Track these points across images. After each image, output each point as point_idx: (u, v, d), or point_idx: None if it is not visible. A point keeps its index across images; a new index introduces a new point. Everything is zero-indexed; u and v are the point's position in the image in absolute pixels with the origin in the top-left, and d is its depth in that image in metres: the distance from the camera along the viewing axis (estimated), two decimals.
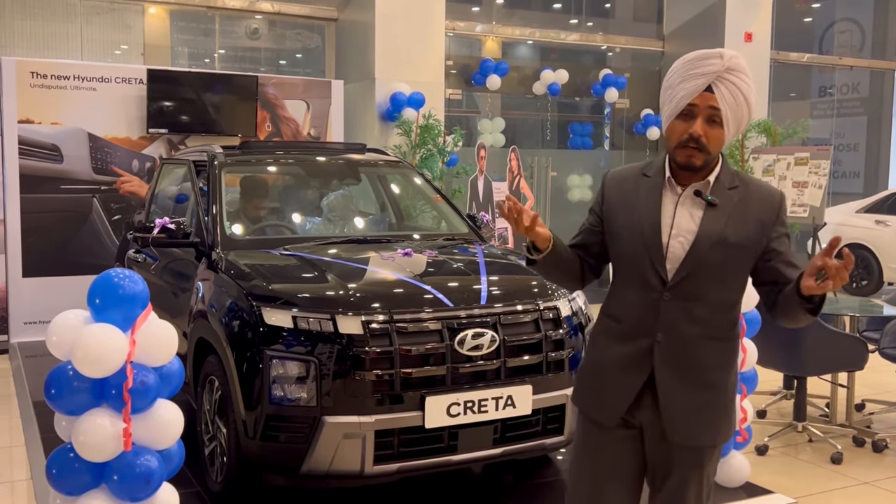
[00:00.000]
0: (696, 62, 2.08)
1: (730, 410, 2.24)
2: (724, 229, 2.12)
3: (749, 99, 2.10)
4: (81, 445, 2.70)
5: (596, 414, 2.26)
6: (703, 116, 2.07)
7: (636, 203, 2.20)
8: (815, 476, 4.39)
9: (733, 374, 2.23)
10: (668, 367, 2.15)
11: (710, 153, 2.10)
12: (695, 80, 2.07)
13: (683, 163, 2.12)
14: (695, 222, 2.14)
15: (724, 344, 2.19)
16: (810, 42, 14.43)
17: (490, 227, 5.34)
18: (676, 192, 2.17)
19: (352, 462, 3.39)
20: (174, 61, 9.77)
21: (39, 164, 7.15)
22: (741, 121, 2.11)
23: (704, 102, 2.06)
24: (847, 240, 10.67)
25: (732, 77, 2.06)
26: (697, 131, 2.07)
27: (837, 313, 5.20)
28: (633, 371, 2.18)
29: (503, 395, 3.56)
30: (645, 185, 2.21)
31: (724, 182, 2.17)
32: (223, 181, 4.62)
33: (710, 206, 2.13)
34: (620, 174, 2.32)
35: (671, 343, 2.14)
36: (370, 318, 3.47)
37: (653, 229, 2.15)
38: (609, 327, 2.26)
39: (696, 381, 2.16)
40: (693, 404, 2.16)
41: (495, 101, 11.57)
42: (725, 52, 2.09)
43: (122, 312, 2.77)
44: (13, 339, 7.09)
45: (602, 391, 2.25)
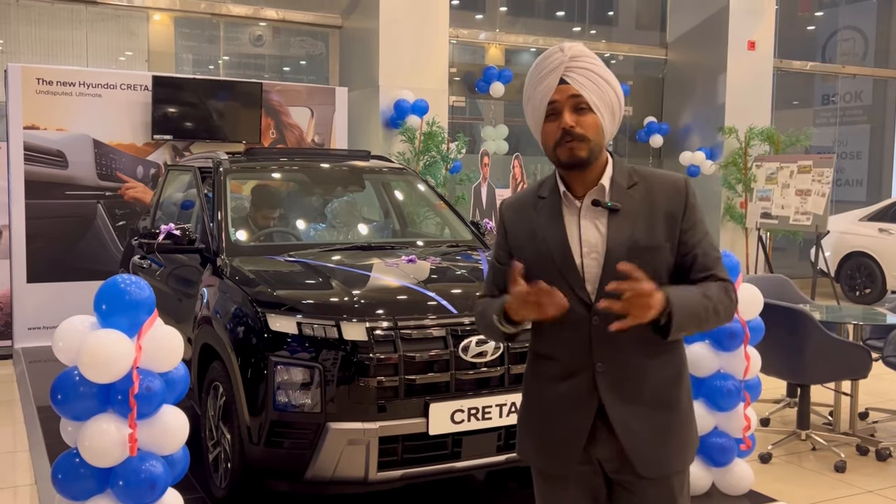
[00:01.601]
0: (541, 63, 2.01)
1: (691, 428, 2.08)
2: (632, 234, 1.98)
3: (609, 80, 1.99)
4: (87, 451, 2.72)
5: (547, 466, 2.07)
6: (568, 108, 1.96)
7: (539, 229, 2.04)
8: (819, 484, 4.39)
9: (685, 387, 2.08)
10: (617, 396, 1.98)
11: (591, 140, 1.96)
12: (546, 78, 1.97)
13: (568, 160, 1.97)
14: (601, 234, 1.99)
15: (668, 357, 2.03)
16: (813, 50, 14.45)
17: (493, 234, 5.35)
18: (576, 206, 2.02)
19: (356, 468, 3.39)
20: (178, 68, 9.81)
21: (44, 170, 7.18)
22: (611, 104, 1.99)
23: (563, 95, 1.96)
24: (850, 248, 10.69)
25: (580, 62, 1.97)
26: (567, 122, 1.95)
27: (841, 321, 5.20)
28: (580, 410, 1.99)
29: (507, 401, 3.56)
30: (543, 208, 2.06)
31: (622, 182, 2.03)
32: (228, 187, 4.63)
33: (613, 213, 1.99)
34: (516, 201, 2.16)
35: (613, 370, 1.98)
36: (374, 324, 3.48)
37: (563, 252, 1.99)
38: (543, 368, 2.07)
39: (649, 405, 2.00)
40: (652, 430, 1.99)
41: (499, 109, 11.59)
42: (565, 44, 2.01)
43: (128, 318, 2.79)
44: (17, 345, 7.11)
45: (549, 439, 2.05)
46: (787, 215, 9.36)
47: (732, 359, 4.03)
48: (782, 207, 9.43)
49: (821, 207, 9.01)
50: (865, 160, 14.76)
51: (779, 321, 4.57)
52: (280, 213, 5.00)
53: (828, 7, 14.79)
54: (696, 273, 2.02)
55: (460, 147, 8.85)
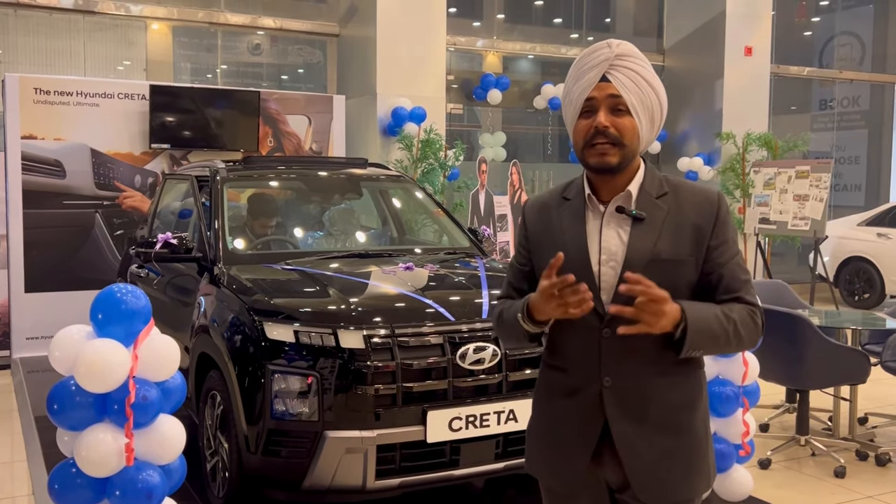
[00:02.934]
0: (585, 57, 1.92)
1: (703, 457, 1.96)
2: (655, 245, 1.88)
3: (652, 83, 1.90)
4: (83, 460, 2.70)
5: (552, 480, 2.02)
6: (605, 107, 1.87)
7: (559, 231, 1.97)
8: (819, 490, 4.38)
9: (701, 413, 1.96)
10: (623, 415, 1.89)
11: (624, 146, 1.87)
12: (588, 73, 1.89)
13: (597, 164, 1.89)
14: (623, 242, 1.90)
15: (682, 379, 1.93)
16: (810, 55, 14.48)
17: (491, 241, 5.35)
18: (599, 211, 1.94)
19: (354, 477, 3.38)
20: (176, 77, 9.82)
21: (42, 180, 7.18)
22: (652, 109, 1.90)
23: (602, 93, 1.87)
24: (849, 253, 10.69)
25: (626, 62, 1.88)
26: (602, 122, 1.85)
27: (840, 326, 5.20)
28: (585, 426, 1.92)
29: (505, 409, 3.56)
30: (567, 210, 1.97)
31: (651, 191, 1.93)
32: (225, 196, 4.64)
33: (638, 221, 1.89)
34: (540, 201, 2.07)
35: (620, 387, 1.89)
36: (372, 332, 3.48)
37: (581, 259, 1.90)
38: (552, 379, 2.01)
39: (656, 427, 1.90)
40: (657, 454, 1.89)
41: (496, 116, 11.60)
42: (613, 41, 1.92)
43: (124, 327, 2.78)
44: (15, 355, 7.10)
45: (555, 455, 1.99)
46: (785, 220, 9.36)
47: (731, 364, 4.02)
48: (780, 213, 9.44)
49: (819, 212, 9.01)
50: (864, 165, 14.77)
51: (777, 327, 4.56)
52: (277, 221, 5.00)
53: (825, 12, 14.82)
54: (721, 294, 1.92)
55: (458, 154, 8.85)
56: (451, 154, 8.78)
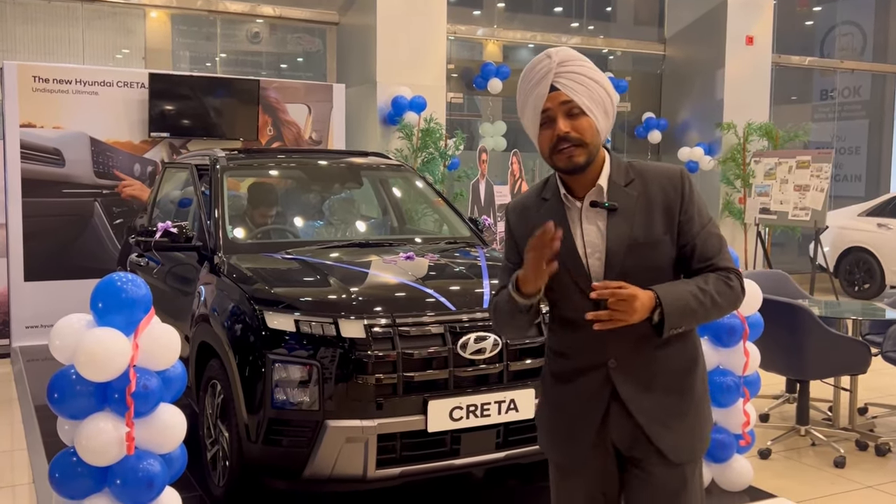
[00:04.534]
0: (530, 72, 2.03)
1: (704, 416, 2.13)
2: (631, 231, 2.02)
3: (598, 80, 2.01)
4: (84, 449, 2.70)
5: (561, 459, 2.17)
6: (561, 114, 1.99)
7: None
8: (819, 480, 4.38)
9: (700, 377, 2.13)
10: (630, 385, 2.04)
11: (587, 144, 2.00)
12: (536, 87, 2.01)
13: (566, 166, 2.01)
14: (602, 233, 2.03)
15: (679, 347, 2.07)
16: (812, 45, 14.43)
17: (492, 231, 5.34)
18: (577, 208, 2.07)
19: (354, 466, 3.38)
20: (175, 65, 9.78)
21: (41, 168, 7.16)
22: (604, 103, 2.02)
23: (555, 102, 1.99)
24: (849, 243, 10.69)
25: (568, 67, 1.99)
26: (562, 129, 1.98)
27: (840, 317, 5.19)
28: (593, 402, 2.07)
29: (506, 398, 3.55)
30: (547, 211, 2.09)
31: (619, 181, 2.06)
32: (225, 185, 4.62)
33: (612, 212, 2.03)
34: (520, 204, 2.21)
35: (626, 365, 2.04)
36: (372, 321, 3.47)
37: (570, 254, 2.03)
38: (558, 365, 2.14)
39: (662, 391, 2.05)
40: (666, 412, 2.05)
41: (497, 105, 11.57)
42: (551, 50, 2.03)
43: (124, 316, 2.77)
44: (15, 343, 7.09)
45: (564, 433, 2.14)
46: (785, 211, 9.35)
47: (731, 355, 4.02)
48: (781, 203, 9.42)
49: (819, 203, 8.99)
50: (864, 155, 14.75)
51: (778, 317, 4.56)
52: (277, 210, 4.98)
53: (826, 2, 14.77)
54: (697, 263, 2.05)
55: (458, 144, 8.83)
56: (452, 143, 8.75)
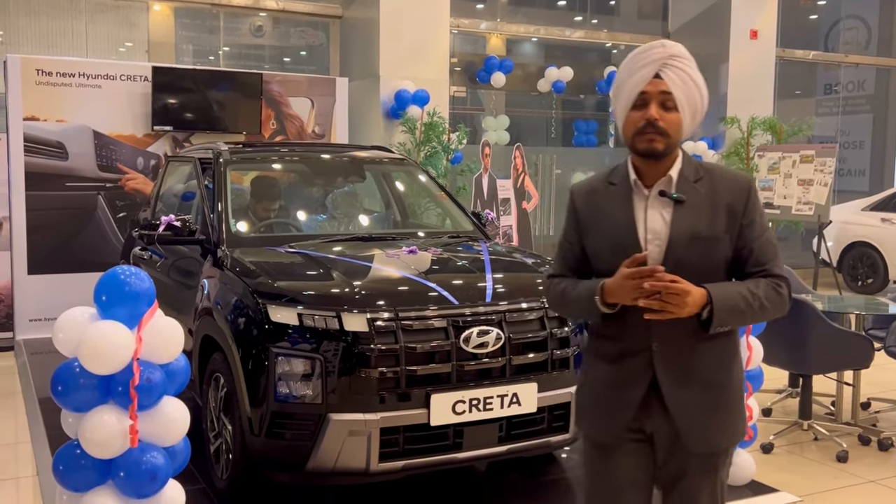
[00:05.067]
0: (641, 54, 2.13)
1: (738, 409, 2.21)
2: (695, 224, 2.11)
3: (698, 82, 2.12)
4: (88, 442, 2.71)
5: (596, 434, 2.25)
6: (656, 101, 2.09)
7: (609, 215, 2.18)
8: (821, 474, 4.39)
9: (737, 372, 2.21)
10: (670, 374, 2.12)
11: (670, 136, 2.10)
12: (642, 69, 2.10)
13: (645, 150, 2.11)
14: (666, 223, 2.12)
15: (721, 340, 2.15)
16: (816, 39, 14.39)
17: (495, 225, 5.34)
18: (644, 195, 2.16)
19: (357, 459, 3.39)
20: (178, 58, 9.78)
21: (44, 162, 7.16)
22: (696, 105, 2.13)
23: (655, 88, 2.09)
24: (853, 238, 10.67)
25: (677, 62, 2.10)
26: (653, 114, 2.08)
27: (843, 311, 5.19)
28: (632, 386, 2.15)
29: (508, 392, 3.56)
30: (614, 195, 2.19)
31: (689, 175, 2.16)
32: (228, 178, 4.62)
33: (678, 204, 2.12)
34: (587, 186, 2.30)
35: (667, 351, 2.12)
36: (375, 315, 3.47)
37: (631, 239, 2.13)
38: (602, 347, 2.23)
39: (699, 383, 2.13)
40: (701, 405, 2.14)
41: (500, 99, 11.55)
42: (666, 41, 2.13)
43: (128, 309, 2.77)
44: (18, 336, 7.11)
45: (601, 410, 2.22)
46: (789, 205, 9.34)
47: None
48: (784, 197, 9.41)
49: (823, 197, 8.98)
50: (868, 150, 14.71)
51: None
52: (280, 203, 4.98)
53: None
54: (751, 267, 2.15)
55: (461, 137, 8.82)
56: (455, 137, 8.74)
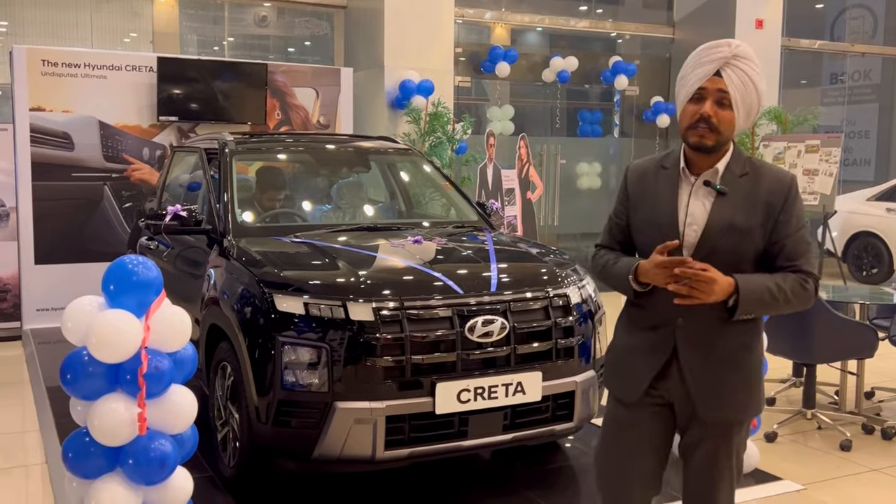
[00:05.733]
0: (707, 51, 2.24)
1: (755, 387, 2.34)
2: (732, 216, 2.24)
3: (757, 84, 2.23)
4: (97, 430, 2.72)
5: (620, 392, 2.44)
6: (712, 98, 2.21)
7: (656, 196, 2.34)
8: (825, 463, 4.41)
9: (757, 354, 2.34)
10: (690, 347, 2.28)
11: (720, 133, 2.22)
12: (705, 66, 2.22)
13: (695, 143, 2.24)
14: (706, 210, 2.26)
15: (744, 325, 2.28)
16: (822, 29, 14.33)
17: (500, 215, 5.35)
18: (690, 182, 2.31)
19: (363, 447, 3.41)
20: (183, 49, 9.78)
21: (51, 152, 7.19)
22: (751, 105, 2.24)
23: (713, 86, 2.21)
24: (857, 228, 10.65)
25: (740, 63, 2.20)
26: (707, 111, 2.21)
27: (847, 301, 5.20)
28: (656, 352, 2.32)
29: (513, 381, 3.58)
30: (663, 178, 2.35)
31: (735, 170, 2.28)
32: (234, 168, 4.64)
33: (721, 195, 2.25)
34: (641, 167, 2.45)
35: (691, 327, 2.27)
36: (381, 304, 3.49)
37: (670, 221, 2.29)
38: (633, 314, 2.41)
39: (718, 360, 2.27)
40: (718, 381, 2.28)
41: (504, 89, 11.54)
42: (734, 41, 2.25)
43: (136, 298, 2.79)
44: (26, 326, 7.16)
45: (626, 372, 2.41)
46: None
47: None
48: None
49: (828, 187, 8.97)
50: (874, 139, 14.67)
51: None
52: (286, 194, 5.00)
53: None
54: (782, 261, 2.26)
55: (466, 128, 8.82)
56: (459, 128, 8.74)
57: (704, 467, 2.35)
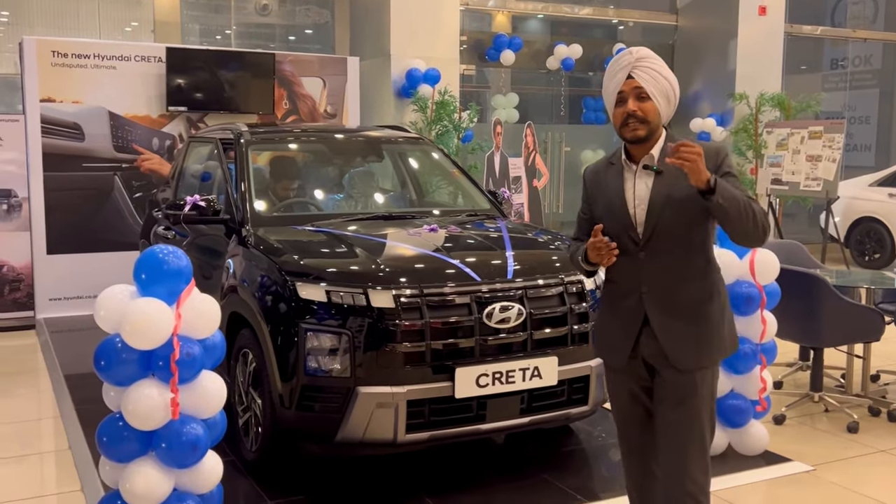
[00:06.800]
0: (614, 63, 2.61)
1: (715, 336, 2.62)
2: (669, 190, 2.55)
3: (665, 74, 2.57)
4: (130, 414, 2.80)
5: (608, 359, 2.78)
6: (632, 97, 2.55)
7: (608, 187, 2.68)
8: (832, 444, 4.49)
9: (716, 305, 2.62)
10: (657, 309, 2.60)
11: (649, 123, 2.56)
12: (617, 73, 2.58)
13: (631, 137, 2.58)
14: (648, 189, 2.60)
15: (700, 282, 2.61)
16: (823, 15, 14.34)
17: (510, 203, 5.42)
18: (632, 170, 2.64)
19: (385, 430, 3.49)
20: (185, 38, 9.80)
21: (62, 143, 7.25)
22: (666, 92, 2.58)
23: (629, 86, 2.55)
24: (860, 213, 10.72)
25: (644, 62, 2.55)
26: (631, 108, 2.55)
27: (853, 286, 5.27)
28: (631, 320, 2.65)
29: (530, 366, 3.66)
30: (612, 172, 2.70)
31: (668, 151, 2.50)
32: (251, 158, 4.70)
33: (658, 174, 2.58)
34: (594, 167, 2.83)
35: (654, 291, 2.60)
36: (401, 292, 3.56)
37: (621, 205, 2.63)
38: (609, 290, 2.75)
39: (681, 316, 2.59)
40: (682, 333, 2.59)
41: (508, 77, 11.57)
42: (634, 48, 2.60)
43: (167, 287, 2.86)
44: (39, 315, 7.23)
45: (610, 340, 2.74)
46: (797, 181, 9.39)
47: (749, 323, 4.11)
48: (793, 173, 9.46)
49: (831, 173, 9.03)
50: (874, 125, 14.71)
51: (793, 286, 4.64)
52: (300, 183, 5.06)
53: None
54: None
55: (472, 116, 8.87)
56: (466, 116, 8.79)
57: (675, 418, 2.60)
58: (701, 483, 2.60)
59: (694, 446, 2.59)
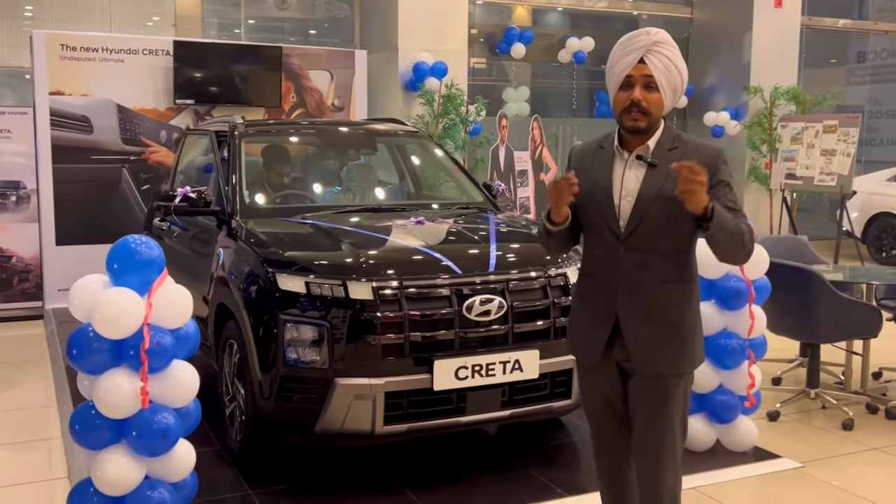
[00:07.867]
0: (629, 41, 2.43)
1: (688, 344, 2.52)
2: (661, 186, 2.41)
3: (678, 65, 2.42)
4: (101, 403, 2.84)
5: (581, 356, 2.68)
6: (640, 84, 2.40)
7: (594, 172, 2.52)
8: (825, 441, 4.44)
9: (691, 311, 2.52)
10: (630, 310, 2.48)
11: (651, 115, 2.42)
12: (629, 54, 2.41)
13: (630, 126, 2.43)
14: (638, 182, 2.45)
15: (678, 285, 2.49)
16: (846, 7, 14.10)
17: (507, 196, 5.40)
18: (624, 158, 2.50)
19: (363, 422, 3.50)
20: (205, 32, 9.87)
21: (70, 135, 7.34)
22: (675, 85, 2.44)
23: (639, 72, 2.39)
24: (877, 209, 10.56)
25: (660, 48, 2.40)
26: (637, 96, 2.39)
27: (854, 281, 5.19)
28: (603, 317, 2.53)
29: (510, 359, 3.65)
30: (600, 156, 2.55)
31: (665, 144, 2.47)
32: (243, 151, 4.72)
33: (651, 167, 2.44)
34: (582, 148, 2.66)
35: (630, 290, 2.47)
36: (380, 284, 3.57)
37: (606, 193, 2.48)
38: (584, 283, 2.63)
39: (654, 320, 2.47)
40: (653, 339, 2.47)
41: (520, 70, 11.52)
42: (651, 29, 2.43)
43: (139, 277, 2.89)
44: (48, 306, 7.34)
45: (582, 337, 2.63)
46: (811, 176, 9.26)
47: (737, 318, 4.07)
48: (807, 168, 9.34)
49: (846, 168, 8.90)
50: None
51: (789, 281, 4.59)
52: (294, 176, 5.08)
53: None
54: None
55: (479, 109, 8.84)
56: (473, 109, 8.77)
57: (648, 425, 2.53)
58: (671, 485, 2.57)
59: (665, 450, 2.54)
